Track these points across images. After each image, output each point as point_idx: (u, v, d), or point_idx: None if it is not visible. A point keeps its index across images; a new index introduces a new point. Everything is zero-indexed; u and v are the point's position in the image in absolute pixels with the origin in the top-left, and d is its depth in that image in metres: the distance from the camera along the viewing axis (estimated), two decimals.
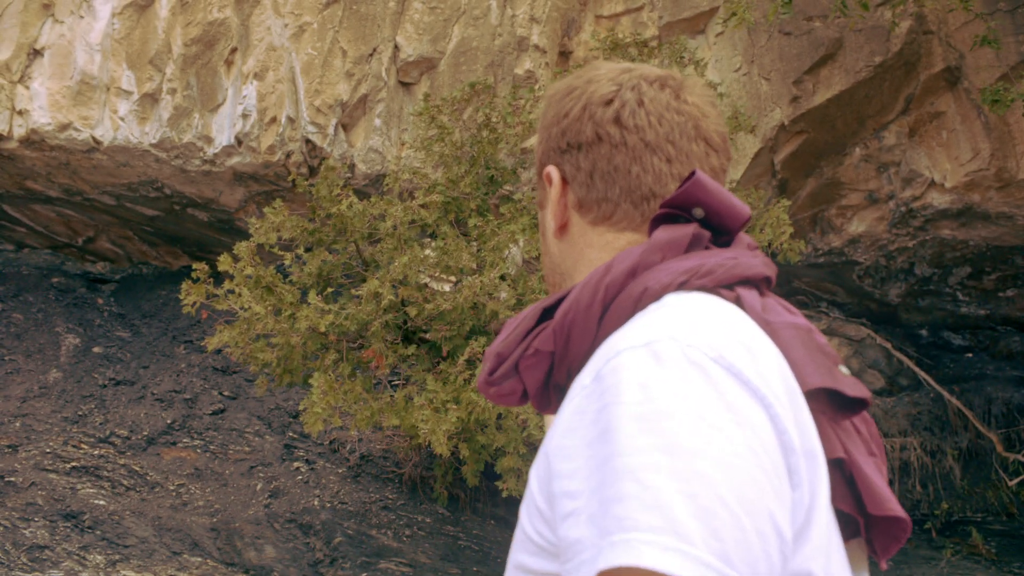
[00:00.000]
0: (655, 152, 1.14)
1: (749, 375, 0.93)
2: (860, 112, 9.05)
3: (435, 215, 7.89)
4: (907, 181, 9.31)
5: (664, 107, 1.15)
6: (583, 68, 1.26)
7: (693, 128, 1.15)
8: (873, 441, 1.07)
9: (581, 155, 1.17)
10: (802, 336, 1.02)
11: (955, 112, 8.99)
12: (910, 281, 9.96)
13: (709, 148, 1.16)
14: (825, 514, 0.96)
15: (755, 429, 0.90)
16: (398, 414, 7.12)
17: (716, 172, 1.17)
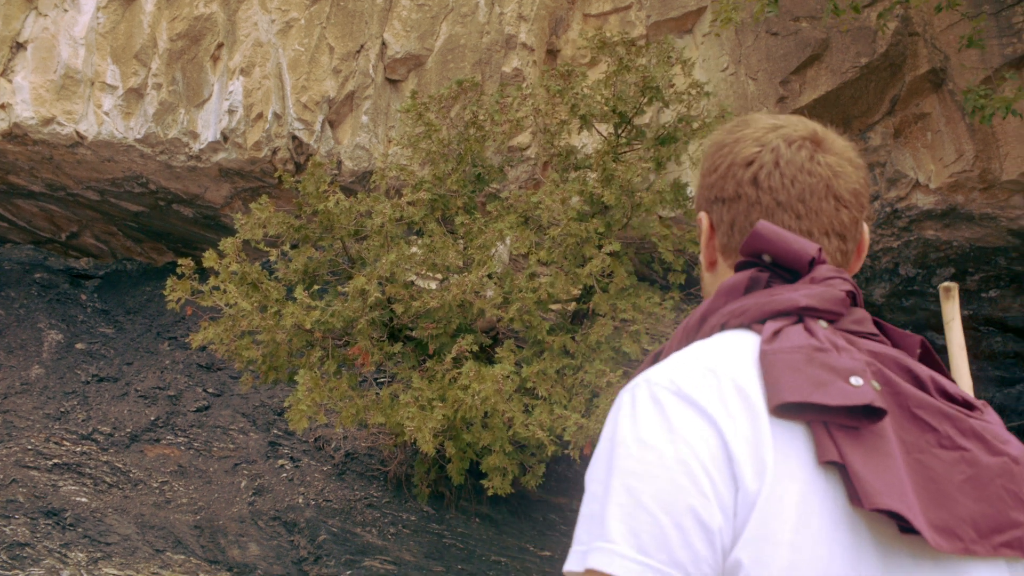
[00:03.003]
0: (786, 210, 1.28)
1: (699, 398, 1.13)
2: (846, 113, 9.08)
3: (422, 213, 7.87)
4: (892, 182, 9.36)
5: (798, 168, 1.29)
6: (738, 121, 1.39)
7: (824, 188, 1.29)
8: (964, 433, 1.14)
9: (724, 208, 1.34)
10: (795, 357, 1.14)
11: (940, 113, 9.03)
12: (894, 281, 10.00)
13: (839, 205, 1.29)
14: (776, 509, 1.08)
15: (691, 443, 1.11)
16: (383, 412, 7.10)
17: (846, 226, 1.30)
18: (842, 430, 1.10)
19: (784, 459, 1.10)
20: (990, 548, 1.10)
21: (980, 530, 1.10)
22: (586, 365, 7.13)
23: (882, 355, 1.18)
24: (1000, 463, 1.12)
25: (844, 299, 1.22)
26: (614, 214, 7.65)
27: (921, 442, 1.12)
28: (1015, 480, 1.12)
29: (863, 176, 1.33)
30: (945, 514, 1.09)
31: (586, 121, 7.87)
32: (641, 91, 7.74)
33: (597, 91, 7.77)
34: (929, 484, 1.10)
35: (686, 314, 8.20)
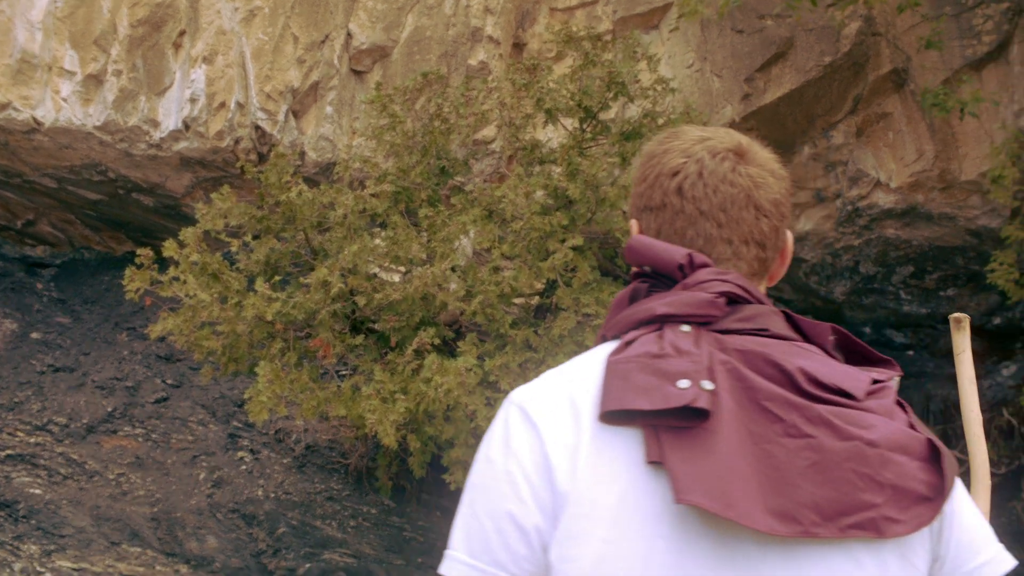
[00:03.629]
0: (708, 219, 1.34)
1: (533, 413, 1.25)
2: (809, 111, 9.15)
3: (385, 205, 7.83)
4: (854, 180, 9.45)
5: (720, 179, 1.34)
6: (669, 133, 1.45)
7: (745, 198, 1.34)
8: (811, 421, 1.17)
9: (652, 216, 1.39)
10: (629, 366, 1.21)
11: (901, 113, 9.13)
12: (855, 279, 10.10)
13: (760, 214, 1.35)
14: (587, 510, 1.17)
15: (518, 457, 1.23)
16: (345, 404, 7.06)
17: (766, 234, 1.35)
18: (671, 431, 1.16)
19: (608, 462, 1.19)
20: (836, 530, 1.12)
21: (823, 513, 1.12)
22: (549, 359, 7.13)
23: (749, 352, 1.22)
24: (849, 447, 1.15)
25: (713, 301, 1.26)
26: (578, 209, 7.65)
27: (768, 433, 1.15)
28: (868, 463, 1.15)
29: (784, 187, 1.38)
30: (784, 500, 1.12)
31: (551, 115, 7.86)
32: (607, 86, 7.74)
33: (563, 85, 7.76)
34: (772, 472, 1.13)
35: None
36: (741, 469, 1.13)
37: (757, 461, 1.14)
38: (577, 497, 1.19)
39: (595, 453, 1.20)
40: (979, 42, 8.68)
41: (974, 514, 1.24)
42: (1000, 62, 8.77)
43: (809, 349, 1.28)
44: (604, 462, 1.19)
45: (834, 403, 1.19)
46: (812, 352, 1.27)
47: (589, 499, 1.18)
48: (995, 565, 1.22)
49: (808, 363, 1.23)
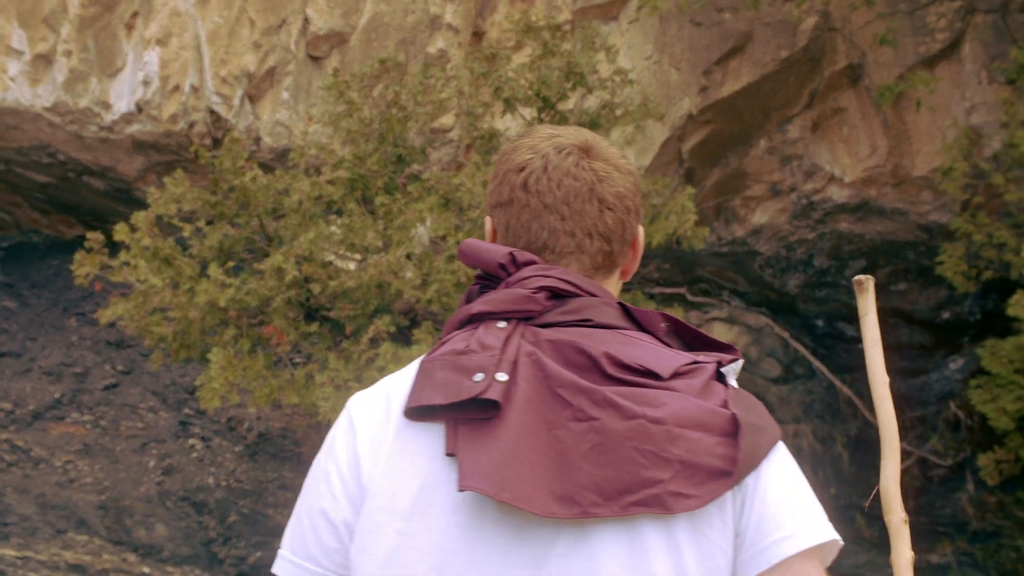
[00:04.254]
0: (552, 212, 1.36)
1: (354, 413, 1.32)
2: (766, 105, 9.22)
3: (341, 192, 7.76)
4: (809, 174, 9.54)
5: (564, 173, 1.36)
6: (523, 131, 1.47)
7: (588, 191, 1.36)
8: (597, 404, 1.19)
9: (502, 212, 1.40)
10: (434, 364, 1.26)
11: (856, 109, 9.23)
12: (808, 272, 10.21)
13: (603, 207, 1.36)
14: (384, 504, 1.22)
15: (336, 455, 1.30)
16: (298, 392, 7.00)
17: (610, 227, 1.37)
18: (468, 424, 1.20)
19: (411, 457, 1.23)
20: (618, 509, 1.14)
21: (604, 493, 1.14)
22: None
23: (559, 342, 1.25)
24: (632, 426, 1.16)
25: (530, 296, 1.29)
26: None
27: (560, 418, 1.18)
28: (652, 440, 1.16)
29: (631, 182, 1.40)
30: (567, 483, 1.14)
31: (510, 105, 7.85)
32: (565, 76, 7.74)
33: (521, 75, 7.75)
34: (559, 457, 1.16)
35: None
36: (527, 455, 1.16)
37: (547, 446, 1.17)
38: (377, 491, 1.24)
39: (399, 449, 1.24)
40: (932, 39, 8.79)
41: (786, 490, 1.21)
42: (952, 60, 8.89)
43: (635, 336, 1.30)
44: (407, 457, 1.23)
45: (636, 384, 1.21)
46: (634, 339, 1.29)
47: (389, 493, 1.22)
48: (794, 540, 1.17)
49: (617, 348, 1.25)
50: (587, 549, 1.15)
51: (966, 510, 9.27)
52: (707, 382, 1.24)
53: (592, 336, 1.27)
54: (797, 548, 1.17)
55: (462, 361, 1.24)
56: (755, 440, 1.19)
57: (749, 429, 1.18)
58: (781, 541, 1.17)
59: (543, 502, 1.14)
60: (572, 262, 1.37)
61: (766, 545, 1.17)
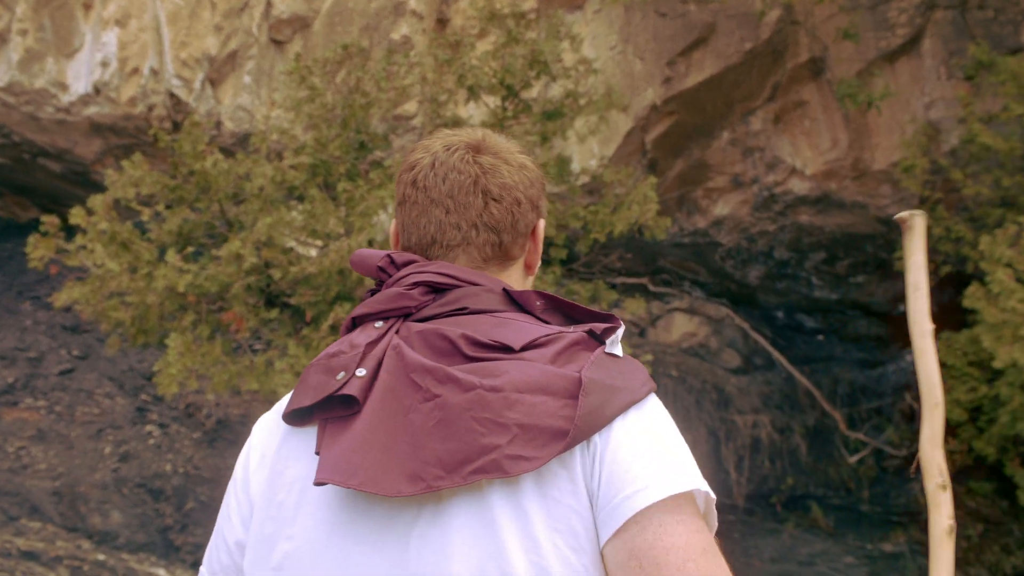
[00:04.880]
0: (437, 206, 1.37)
1: (253, 433, 1.38)
2: (729, 97, 9.26)
3: (303, 177, 7.70)
4: (770, 167, 9.60)
5: (450, 168, 1.38)
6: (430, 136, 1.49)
7: (472, 184, 1.37)
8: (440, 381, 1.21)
9: (399, 211, 1.43)
10: (310, 370, 1.29)
11: (818, 102, 9.30)
12: (769, 264, 10.29)
13: (488, 199, 1.37)
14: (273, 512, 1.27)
15: (235, 476, 1.36)
16: (257, 378, 6.94)
17: (496, 219, 1.38)
18: (334, 421, 1.24)
19: (293, 462, 1.27)
20: (460, 479, 1.15)
21: (446, 465, 1.16)
22: None
23: (425, 331, 1.28)
24: (470, 397, 1.18)
25: (403, 293, 1.33)
26: None
27: (412, 402, 1.20)
28: (489, 407, 1.17)
29: (523, 175, 1.41)
30: (415, 461, 1.16)
31: (473, 92, 7.82)
32: (529, 64, 7.73)
33: (485, 62, 7.72)
34: (409, 438, 1.18)
35: (567, 289, 8.27)
36: (381, 441, 1.19)
37: (401, 430, 1.19)
38: (264, 501, 1.28)
39: (282, 456, 1.29)
40: (893, 35, 8.88)
41: (639, 446, 1.19)
42: (912, 55, 8.98)
43: (507, 317, 1.32)
44: (290, 463, 1.28)
45: (488, 359, 1.23)
46: (506, 319, 1.31)
47: (276, 501, 1.27)
48: (646, 493, 1.14)
49: (480, 329, 1.27)
50: (442, 525, 1.17)
51: (919, 500, 9.40)
52: (564, 349, 1.25)
53: (461, 322, 1.29)
54: (649, 501, 1.14)
55: (331, 363, 1.27)
56: (602, 399, 1.19)
57: (595, 389, 1.19)
58: (632, 495, 1.15)
59: (392, 483, 1.15)
60: (460, 254, 1.38)
61: (618, 502, 1.15)
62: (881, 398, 9.98)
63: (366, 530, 1.20)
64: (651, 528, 1.14)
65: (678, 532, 1.13)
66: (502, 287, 1.36)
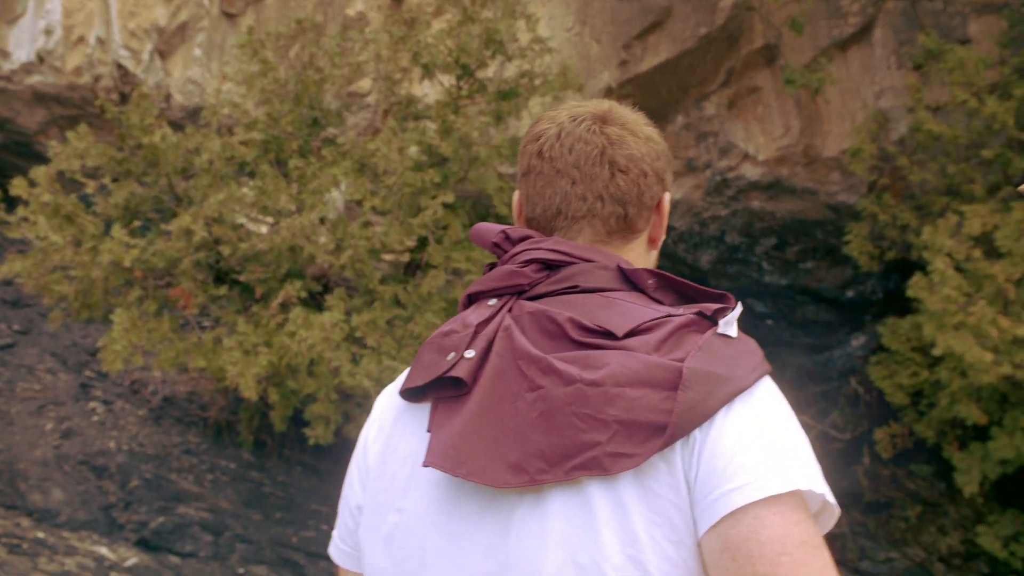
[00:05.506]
0: (563, 176, 1.37)
1: (375, 404, 1.43)
2: (684, 81, 9.30)
3: (254, 153, 7.60)
4: (724, 152, 9.66)
5: (576, 139, 1.38)
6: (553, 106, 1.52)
7: (599, 155, 1.37)
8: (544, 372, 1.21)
9: (523, 182, 1.44)
10: (425, 348, 1.32)
11: (771, 88, 9.36)
12: (720, 249, 10.37)
13: (615, 170, 1.37)
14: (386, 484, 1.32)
15: (357, 445, 1.43)
16: (205, 355, 6.86)
17: (623, 190, 1.37)
18: (445, 401, 1.27)
19: (408, 438, 1.31)
20: (562, 474, 1.16)
21: (548, 460, 1.17)
22: (417, 316, 7.09)
23: (536, 313, 1.27)
24: (571, 392, 1.18)
25: (515, 271, 1.33)
26: (451, 166, 7.60)
27: (520, 389, 1.21)
28: (588, 403, 1.17)
29: (650, 148, 1.40)
30: (518, 453, 1.17)
31: (428, 71, 7.77)
32: (484, 43, 7.68)
33: (441, 41, 7.67)
34: (515, 427, 1.19)
35: None
36: (486, 428, 1.20)
37: (507, 419, 1.20)
38: (378, 472, 1.33)
39: (397, 431, 1.34)
40: (845, 23, 8.96)
41: (743, 440, 1.15)
42: (864, 44, 9.08)
43: (617, 297, 1.30)
44: (404, 438, 1.32)
45: (592, 346, 1.22)
46: (615, 299, 1.29)
47: (389, 473, 1.31)
48: (744, 491, 1.11)
49: (588, 311, 1.26)
50: (542, 513, 1.18)
51: (861, 482, 9.57)
52: (670, 335, 1.22)
53: (571, 302, 1.28)
54: (746, 499, 1.11)
55: (444, 342, 1.30)
56: (705, 391, 1.16)
57: (697, 380, 1.16)
58: (730, 492, 1.12)
59: (498, 473, 1.17)
60: (585, 226, 1.38)
61: (715, 497, 1.13)
62: (828, 382, 10.13)
63: (469, 512, 1.22)
64: (746, 521, 1.11)
65: (775, 524, 1.11)
66: (616, 264, 1.34)
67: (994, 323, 7.33)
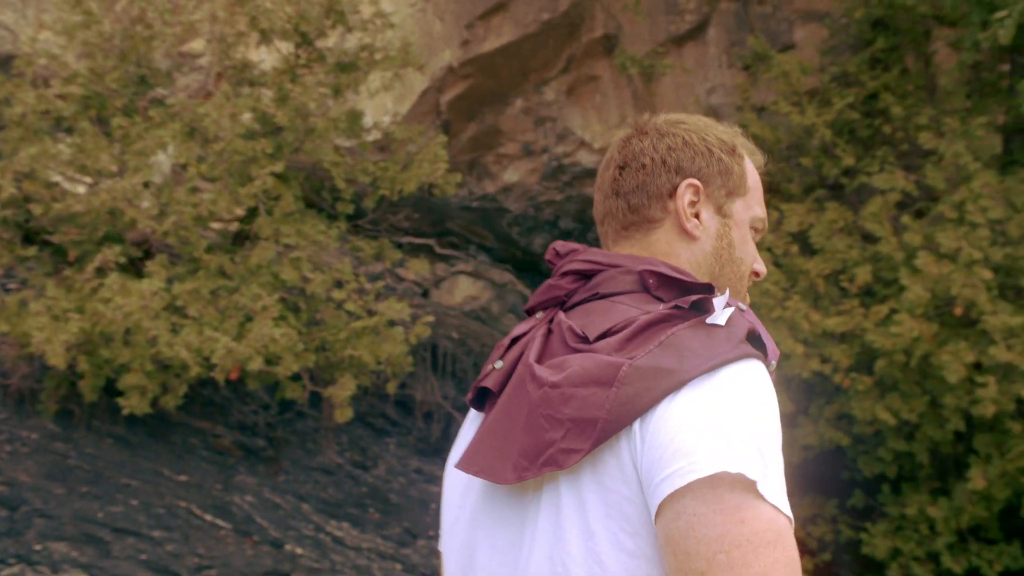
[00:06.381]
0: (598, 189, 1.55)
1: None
2: (525, 65, 9.37)
3: (73, 108, 7.22)
4: (561, 137, 9.81)
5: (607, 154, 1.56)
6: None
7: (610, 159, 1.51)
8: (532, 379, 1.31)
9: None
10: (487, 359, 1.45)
11: (609, 78, 9.56)
12: (554, 233, 10.54)
13: (617, 168, 1.48)
14: (450, 483, 1.46)
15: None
16: (8, 319, 6.49)
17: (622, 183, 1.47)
18: (487, 408, 1.40)
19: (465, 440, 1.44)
20: (535, 471, 1.23)
21: (528, 457, 1.24)
22: (242, 287, 6.91)
23: (559, 323, 1.36)
24: (540, 394, 1.26)
25: (552, 284, 1.43)
26: (286, 136, 7.43)
27: (523, 395, 1.30)
28: (550, 404, 1.24)
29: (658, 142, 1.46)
30: (515, 452, 1.26)
31: (266, 36, 7.56)
32: (326, 12, 7.54)
33: (280, 7, 7.47)
34: (514, 429, 1.28)
35: (351, 245, 8.18)
36: (498, 431, 1.30)
37: (514, 421, 1.29)
38: (447, 473, 1.47)
39: (462, 435, 1.47)
40: (682, 20, 9.22)
41: (677, 430, 1.16)
42: (699, 41, 9.37)
43: (620, 301, 1.36)
44: (463, 441, 1.45)
45: (580, 350, 1.29)
46: (615, 304, 1.35)
47: (453, 474, 1.44)
48: (675, 477, 1.12)
49: (586, 319, 1.34)
50: (538, 506, 1.27)
51: None
52: (635, 334, 1.26)
53: (589, 310, 1.36)
54: (674, 485, 1.12)
55: (493, 354, 1.43)
56: (643, 385, 1.19)
57: (636, 376, 1.19)
58: (663, 480, 1.14)
59: (503, 471, 1.26)
60: (608, 226, 1.49)
61: (654, 486, 1.15)
62: None
63: (496, 507, 1.34)
64: (684, 516, 1.12)
65: (713, 522, 1.11)
66: (640, 267, 1.38)
67: (806, 317, 7.72)
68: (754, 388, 1.19)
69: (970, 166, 7.38)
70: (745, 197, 1.49)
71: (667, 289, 1.36)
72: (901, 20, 8.34)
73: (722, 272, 1.45)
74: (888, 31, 8.40)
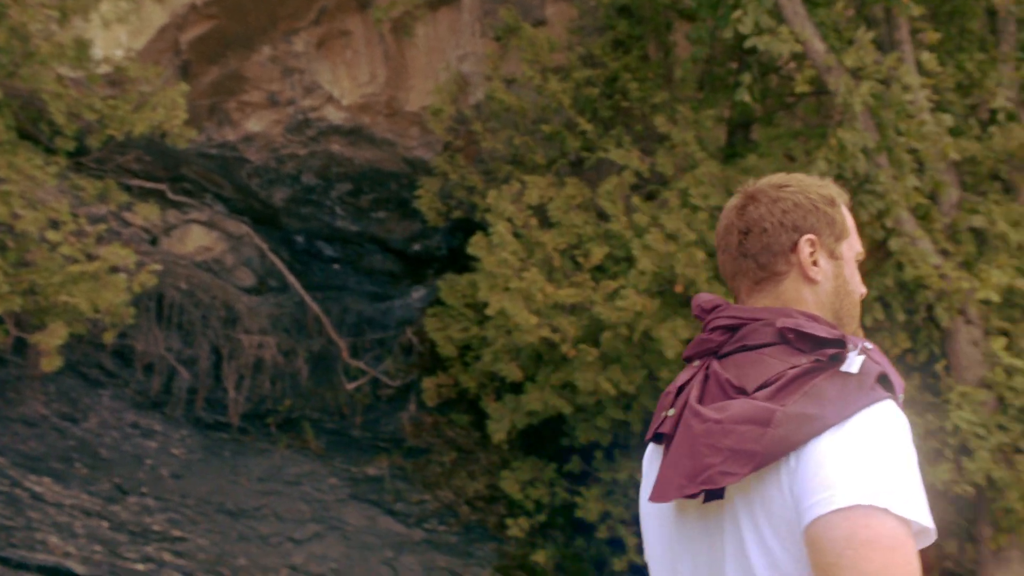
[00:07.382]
0: (721, 251, 1.83)
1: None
2: (274, 12, 9.02)
3: None
4: (308, 91, 9.54)
5: (724, 218, 1.83)
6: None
7: (729, 224, 1.79)
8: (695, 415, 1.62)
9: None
10: (659, 404, 1.75)
11: (361, 35, 9.38)
12: (295, 188, 10.26)
13: (740, 234, 1.75)
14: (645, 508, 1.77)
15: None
16: None
17: (748, 246, 1.74)
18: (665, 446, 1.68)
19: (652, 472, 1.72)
20: (694, 488, 1.55)
21: (690, 477, 1.57)
22: None
23: (714, 373, 1.66)
24: (704, 428, 1.57)
25: (704, 338, 1.72)
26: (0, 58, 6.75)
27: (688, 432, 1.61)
28: (713, 435, 1.56)
29: (770, 207, 1.73)
30: (682, 475, 1.58)
31: None
32: None
33: None
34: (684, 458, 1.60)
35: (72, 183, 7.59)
36: (674, 463, 1.61)
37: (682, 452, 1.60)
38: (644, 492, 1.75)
39: (648, 465, 1.78)
40: None
41: (822, 466, 1.48)
42: (453, 7, 9.39)
43: (766, 354, 1.63)
44: (651, 470, 1.74)
45: (734, 397, 1.60)
46: (762, 357, 1.63)
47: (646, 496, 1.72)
48: (820, 505, 1.44)
49: (739, 371, 1.63)
50: (707, 517, 1.61)
51: (405, 428, 10.03)
52: (784, 385, 1.55)
53: (738, 361, 1.64)
54: (821, 511, 1.44)
55: (663, 401, 1.73)
56: (793, 427, 1.49)
57: (786, 420, 1.50)
58: (812, 506, 1.46)
59: (674, 492, 1.59)
60: (741, 282, 1.75)
61: (804, 508, 1.47)
62: (385, 330, 10.45)
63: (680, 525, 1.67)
64: (821, 523, 1.44)
65: (842, 526, 1.42)
66: (777, 321, 1.64)
67: (541, 289, 7.97)
68: (884, 426, 1.51)
69: (697, 154, 7.86)
70: (848, 239, 1.78)
71: (804, 341, 1.62)
72: (645, 9, 8.73)
73: (842, 306, 1.75)
74: (632, 18, 8.77)
